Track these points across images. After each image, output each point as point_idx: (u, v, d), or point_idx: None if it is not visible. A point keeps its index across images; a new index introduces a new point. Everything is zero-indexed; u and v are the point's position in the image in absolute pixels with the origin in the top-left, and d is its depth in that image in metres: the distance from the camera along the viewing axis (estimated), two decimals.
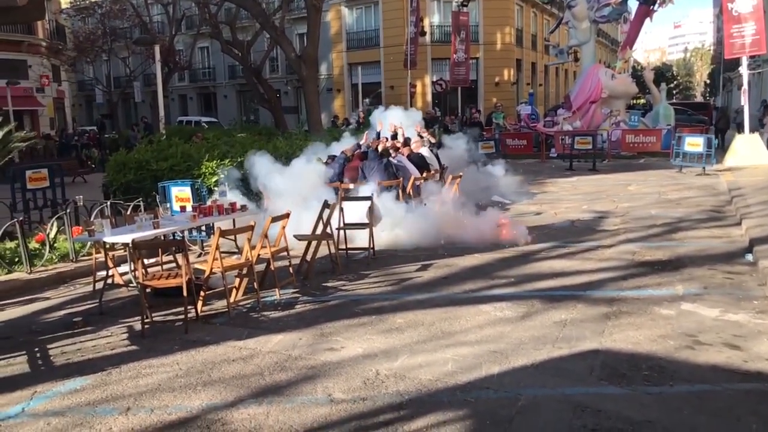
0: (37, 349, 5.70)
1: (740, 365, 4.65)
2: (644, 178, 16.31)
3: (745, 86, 18.99)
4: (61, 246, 8.95)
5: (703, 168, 16.58)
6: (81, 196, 9.72)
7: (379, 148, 10.80)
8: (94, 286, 7.53)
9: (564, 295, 6.57)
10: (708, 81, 79.89)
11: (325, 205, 8.07)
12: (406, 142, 11.83)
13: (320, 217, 8.01)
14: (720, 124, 22.92)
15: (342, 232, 8.53)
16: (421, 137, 12.20)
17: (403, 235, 9.24)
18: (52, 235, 8.89)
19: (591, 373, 4.64)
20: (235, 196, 9.15)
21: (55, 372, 5.10)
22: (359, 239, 8.83)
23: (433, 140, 12.35)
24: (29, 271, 8.12)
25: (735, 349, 4.94)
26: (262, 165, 10.16)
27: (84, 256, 8.86)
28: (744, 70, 19.05)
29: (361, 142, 11.28)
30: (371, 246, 8.50)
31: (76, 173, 19.97)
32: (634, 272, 7.34)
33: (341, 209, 8.47)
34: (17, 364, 5.35)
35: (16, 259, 8.31)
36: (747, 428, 3.79)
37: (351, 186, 10.02)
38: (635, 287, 6.75)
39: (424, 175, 11.02)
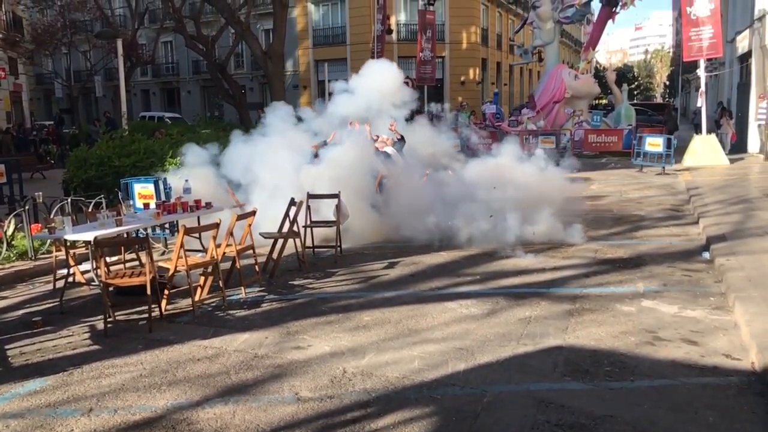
0: None
1: (698, 360, 4.79)
2: (606, 177, 16.62)
3: (703, 88, 19.48)
4: (19, 244, 8.72)
5: (663, 168, 16.98)
6: (40, 193, 9.48)
7: None
8: (55, 284, 7.36)
9: (528, 292, 6.66)
10: (668, 82, 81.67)
11: (292, 202, 8.03)
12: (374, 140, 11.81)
13: (287, 214, 7.97)
14: (668, 126, 23.39)
15: (309, 229, 8.50)
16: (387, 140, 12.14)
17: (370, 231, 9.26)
18: (9, 233, 8.66)
19: (555, 369, 4.72)
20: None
21: (14, 373, 4.98)
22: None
23: (397, 137, 12.32)
24: None
25: (693, 345, 5.09)
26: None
27: (43, 254, 8.65)
28: (702, 72, 19.55)
29: (327, 140, 11.22)
30: (338, 244, 8.49)
31: (34, 169, 19.49)
32: (596, 270, 7.49)
33: (308, 207, 8.44)
34: None
35: None
36: (704, 421, 3.91)
37: None
38: (597, 284, 6.89)
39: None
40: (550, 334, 5.41)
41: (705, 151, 18.24)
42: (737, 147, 20.68)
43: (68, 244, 7.07)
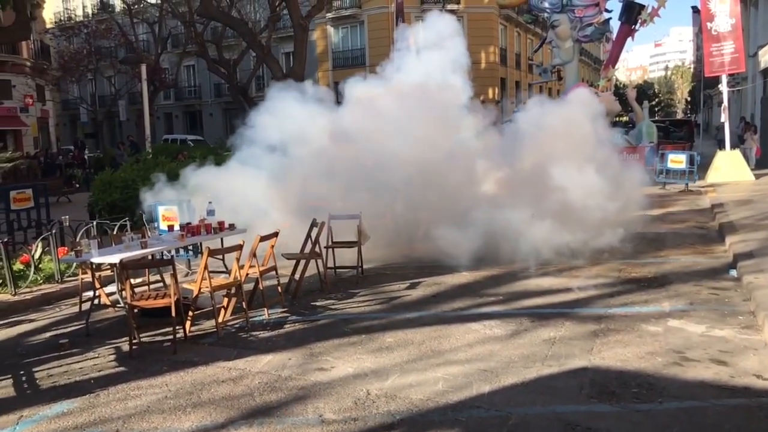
0: (22, 372, 5.62)
1: (727, 381, 4.70)
2: None
3: (725, 104, 19.29)
4: (46, 267, 8.86)
5: (686, 184, 16.80)
6: (67, 216, 9.64)
7: None
8: (80, 307, 7.46)
9: (552, 312, 6.60)
10: (689, 98, 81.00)
11: (314, 223, 8.07)
12: None
13: (308, 235, 8.01)
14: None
15: (330, 250, 8.53)
16: None
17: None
18: (37, 256, 8.81)
19: (581, 390, 4.66)
20: None
21: (42, 395, 5.04)
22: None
23: None
24: (14, 292, 8.03)
25: (722, 365, 4.99)
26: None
27: (69, 276, 8.78)
28: (724, 87, 19.37)
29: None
30: (360, 264, 8.50)
31: (60, 193, 19.85)
32: (620, 289, 7.40)
33: (329, 228, 8.48)
34: (2, 387, 5.28)
35: (0, 281, 8.21)
36: None
37: None
38: (622, 304, 6.80)
39: None
40: (575, 355, 5.35)
41: (729, 167, 18.01)
42: (762, 162, 20.41)
43: (94, 266, 7.16)
